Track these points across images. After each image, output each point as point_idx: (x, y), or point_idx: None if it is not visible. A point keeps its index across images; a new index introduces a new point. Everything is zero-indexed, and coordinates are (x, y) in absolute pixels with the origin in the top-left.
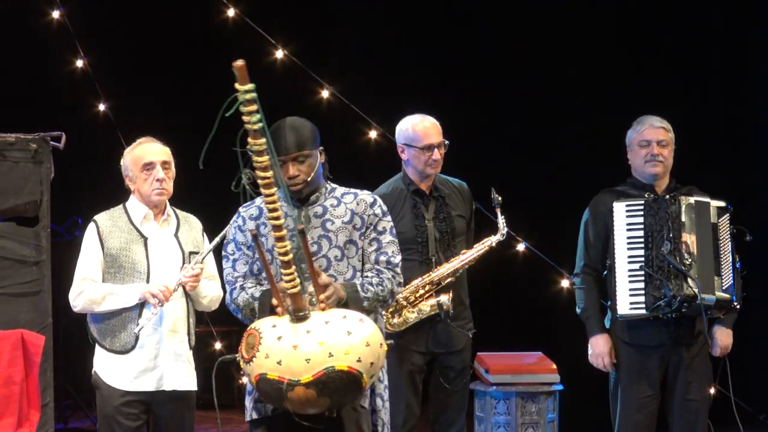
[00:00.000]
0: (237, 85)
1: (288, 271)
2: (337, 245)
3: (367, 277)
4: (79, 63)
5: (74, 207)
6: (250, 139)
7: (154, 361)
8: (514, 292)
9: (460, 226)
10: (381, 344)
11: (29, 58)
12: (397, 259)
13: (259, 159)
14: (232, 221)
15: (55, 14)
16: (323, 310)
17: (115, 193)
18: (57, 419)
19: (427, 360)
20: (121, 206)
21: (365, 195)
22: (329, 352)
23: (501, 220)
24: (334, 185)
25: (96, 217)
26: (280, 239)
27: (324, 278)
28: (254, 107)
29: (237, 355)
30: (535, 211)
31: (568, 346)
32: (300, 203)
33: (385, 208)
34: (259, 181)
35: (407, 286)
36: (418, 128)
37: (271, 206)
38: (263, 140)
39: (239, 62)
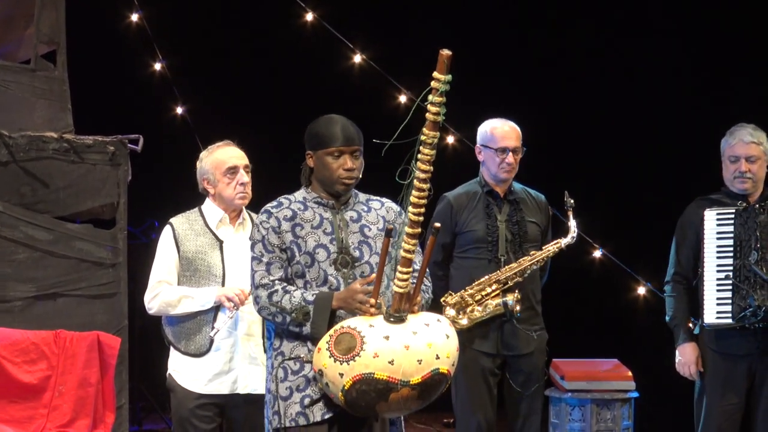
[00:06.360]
0: (436, 74)
1: (406, 269)
2: (376, 252)
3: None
4: (158, 66)
5: (151, 210)
6: (425, 130)
7: (229, 364)
8: (590, 299)
9: (533, 231)
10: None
11: (108, 61)
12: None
13: (430, 152)
14: (259, 221)
15: (134, 17)
16: (414, 313)
17: (192, 196)
18: (131, 421)
19: (498, 363)
20: (197, 209)
21: (391, 203)
22: (436, 354)
23: (572, 223)
24: (355, 191)
25: (172, 220)
26: (413, 236)
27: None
28: (444, 99)
29: (305, 355)
30: (612, 219)
31: (644, 353)
32: (332, 207)
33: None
34: (420, 174)
35: (474, 284)
36: (496, 131)
37: (422, 201)
38: (437, 134)
39: (447, 51)
